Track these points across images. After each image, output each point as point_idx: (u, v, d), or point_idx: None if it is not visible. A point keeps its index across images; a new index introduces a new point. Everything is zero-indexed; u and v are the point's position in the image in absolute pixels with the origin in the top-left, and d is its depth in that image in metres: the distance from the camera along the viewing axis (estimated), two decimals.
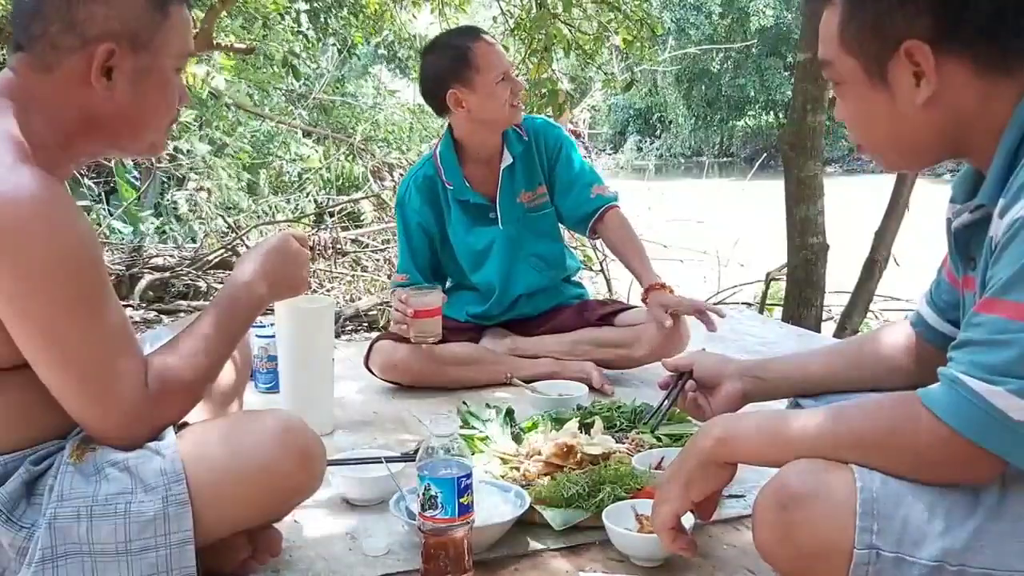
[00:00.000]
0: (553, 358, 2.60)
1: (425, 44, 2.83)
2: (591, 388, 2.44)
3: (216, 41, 5.34)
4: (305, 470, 1.39)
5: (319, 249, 5.93)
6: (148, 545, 1.27)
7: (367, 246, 6.52)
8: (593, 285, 5.81)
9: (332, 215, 6.99)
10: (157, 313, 5.19)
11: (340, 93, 10.22)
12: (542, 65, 5.11)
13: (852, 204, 8.11)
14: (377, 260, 6.29)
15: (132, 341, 1.31)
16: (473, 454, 1.76)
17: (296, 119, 8.93)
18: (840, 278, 4.56)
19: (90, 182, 6.94)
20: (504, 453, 1.85)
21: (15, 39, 1.32)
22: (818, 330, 4.02)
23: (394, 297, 2.54)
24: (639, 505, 1.56)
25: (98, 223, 6.24)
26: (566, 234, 3.86)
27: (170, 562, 1.28)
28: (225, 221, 6.92)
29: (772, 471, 1.16)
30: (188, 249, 6.43)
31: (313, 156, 8.42)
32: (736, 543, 1.58)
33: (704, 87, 24.50)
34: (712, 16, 22.69)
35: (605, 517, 1.53)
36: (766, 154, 17.01)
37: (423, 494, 1.37)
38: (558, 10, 5.24)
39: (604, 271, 5.77)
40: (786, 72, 22.26)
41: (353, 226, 7.15)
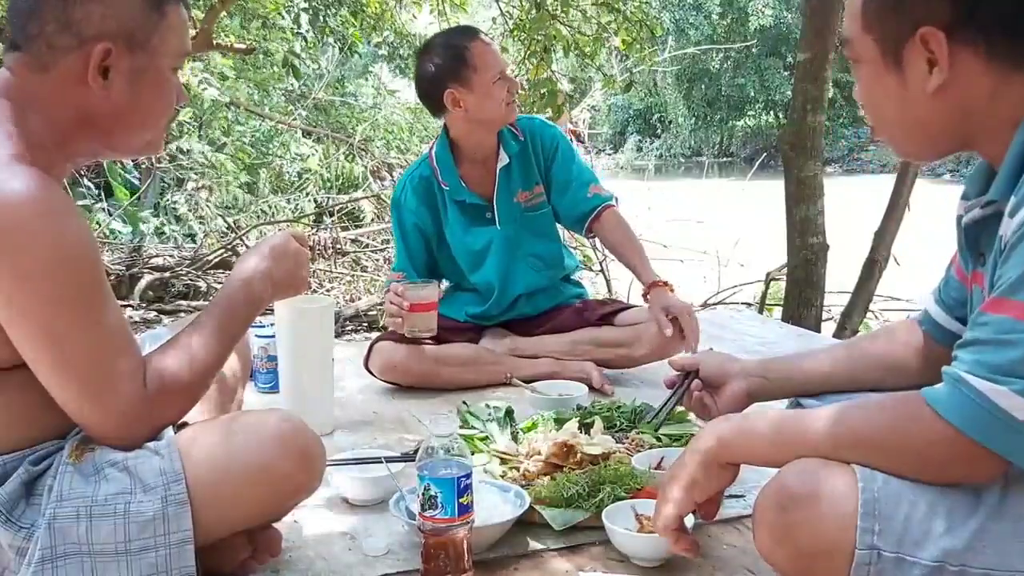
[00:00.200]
0: (553, 358, 2.60)
1: (421, 44, 2.83)
2: (591, 388, 2.44)
3: (216, 41, 5.34)
4: (305, 470, 1.39)
5: (319, 249, 5.92)
6: (148, 545, 1.27)
7: (367, 246, 6.52)
8: (593, 285, 5.80)
9: (332, 215, 6.99)
10: (157, 313, 5.19)
11: (340, 93, 10.22)
12: (541, 66, 5.11)
13: (852, 204, 8.11)
14: (377, 260, 6.28)
15: (131, 341, 1.31)
16: (473, 454, 1.76)
17: (296, 119, 8.93)
18: (840, 278, 4.56)
19: (89, 183, 6.94)
20: (504, 453, 1.85)
21: (11, 39, 1.32)
22: (818, 330, 4.02)
23: (388, 293, 2.51)
24: (639, 505, 1.56)
25: (97, 223, 6.23)
26: (566, 233, 3.86)
27: (170, 562, 1.28)
28: (225, 221, 6.92)
29: (772, 471, 1.15)
30: (188, 249, 6.43)
31: (313, 156, 8.41)
32: (736, 543, 1.58)
33: (704, 87, 24.49)
34: (711, 16, 22.69)
35: (605, 517, 1.52)
36: (766, 154, 17.00)
37: (423, 494, 1.37)
38: (557, 11, 5.24)
39: (604, 271, 5.76)
40: (786, 72, 22.26)
41: (353, 226, 7.16)
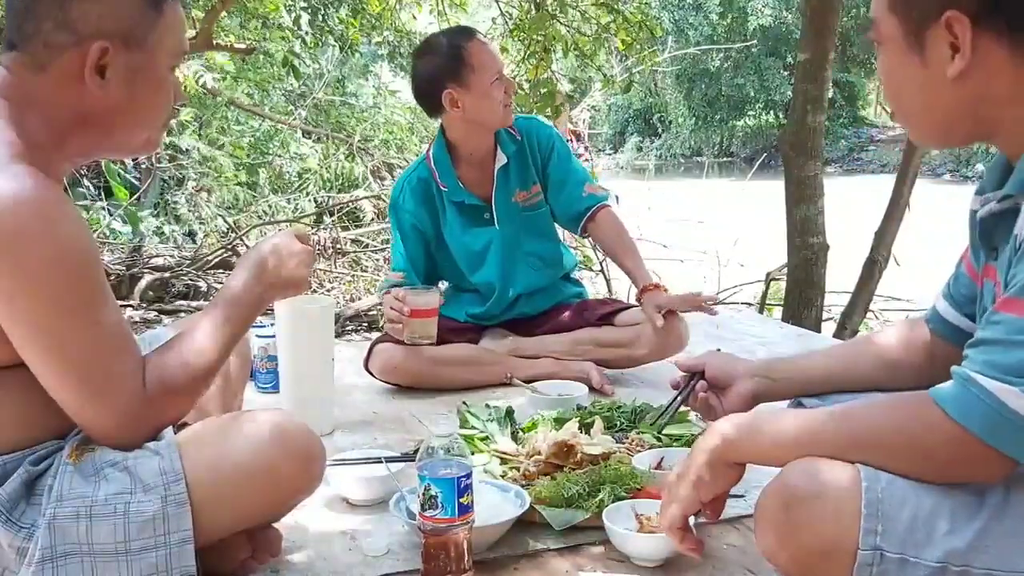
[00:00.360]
0: (553, 358, 2.60)
1: (418, 45, 2.82)
2: (591, 388, 2.44)
3: (216, 41, 5.34)
4: (305, 470, 1.39)
5: (319, 249, 5.92)
6: (147, 545, 1.26)
7: (367, 246, 6.52)
8: (593, 285, 5.80)
9: (332, 215, 6.99)
10: (157, 313, 5.18)
11: (340, 93, 10.21)
12: (541, 66, 5.11)
13: (852, 204, 8.11)
14: (377, 260, 6.28)
15: (130, 341, 1.31)
16: (473, 454, 1.76)
17: (296, 119, 8.93)
18: (840, 278, 4.56)
19: (89, 183, 6.94)
20: (504, 453, 1.85)
21: (8, 38, 1.32)
22: (818, 330, 4.02)
23: (388, 297, 2.46)
24: (639, 505, 1.56)
25: (97, 223, 6.23)
26: (565, 233, 3.85)
27: (170, 562, 1.27)
28: (225, 221, 6.92)
29: (772, 472, 1.15)
30: (188, 249, 6.42)
31: (312, 156, 8.41)
32: (736, 543, 1.57)
33: (704, 87, 24.49)
34: (711, 16, 22.70)
35: (605, 517, 1.52)
36: (766, 154, 17.00)
37: (423, 494, 1.36)
38: (557, 11, 5.24)
39: (604, 271, 5.76)
40: (786, 72, 22.27)
41: (353, 226, 7.15)
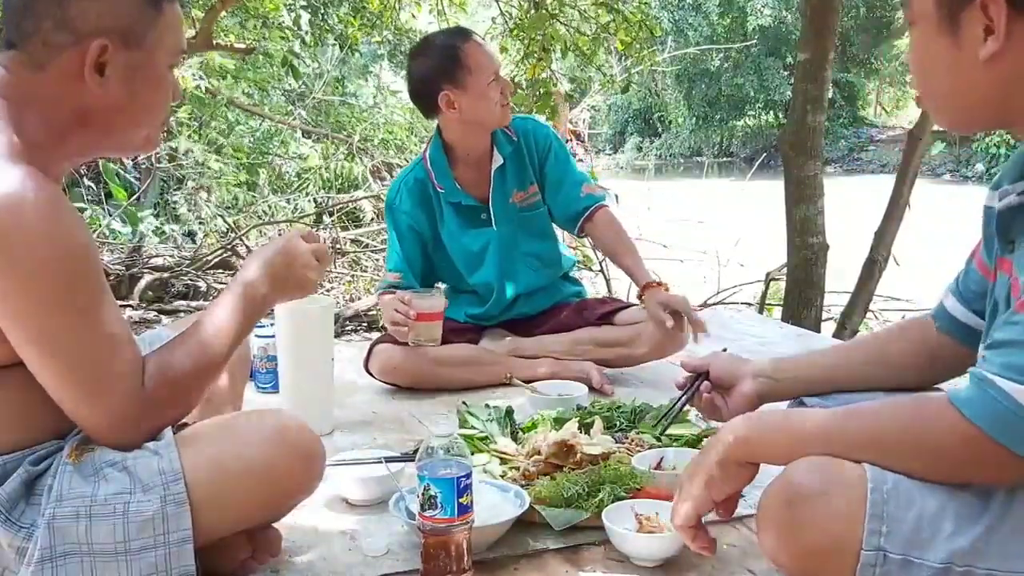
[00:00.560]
0: (553, 358, 2.59)
1: (413, 46, 2.81)
2: (591, 388, 2.43)
3: (216, 41, 5.34)
4: (305, 470, 1.39)
5: None
6: (147, 545, 1.26)
7: (367, 246, 6.52)
8: (592, 285, 5.80)
9: (332, 215, 6.99)
10: (157, 313, 5.19)
11: (340, 93, 10.21)
12: (540, 66, 5.11)
13: (852, 204, 8.11)
14: (376, 260, 6.27)
15: (129, 341, 1.31)
16: (473, 454, 1.75)
17: (295, 119, 8.93)
18: (840, 278, 4.56)
19: (89, 183, 6.94)
20: (504, 453, 1.85)
21: (7, 37, 1.31)
22: (818, 330, 4.02)
23: (390, 299, 2.45)
24: (639, 505, 1.56)
25: (97, 223, 6.23)
26: (565, 233, 3.85)
27: (169, 562, 1.27)
28: (225, 221, 6.92)
29: (775, 471, 1.15)
30: (188, 249, 6.42)
31: (312, 156, 8.41)
32: (736, 542, 1.57)
33: (704, 87, 24.48)
34: (710, 16, 22.69)
35: (605, 517, 1.52)
36: (766, 154, 17.00)
37: (423, 494, 1.36)
38: (556, 11, 5.24)
39: (604, 271, 5.76)
40: (785, 72, 22.26)
41: (353, 226, 7.15)
